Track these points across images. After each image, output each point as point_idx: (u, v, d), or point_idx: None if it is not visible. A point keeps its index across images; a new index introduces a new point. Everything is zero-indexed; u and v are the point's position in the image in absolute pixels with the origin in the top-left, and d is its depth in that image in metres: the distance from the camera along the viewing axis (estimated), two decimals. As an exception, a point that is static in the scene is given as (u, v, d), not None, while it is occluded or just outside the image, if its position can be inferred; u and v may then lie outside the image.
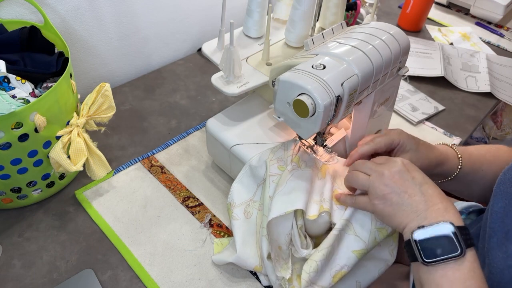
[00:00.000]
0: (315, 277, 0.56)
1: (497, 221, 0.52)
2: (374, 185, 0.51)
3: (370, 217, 0.57)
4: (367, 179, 0.53)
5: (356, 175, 0.55)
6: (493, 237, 0.52)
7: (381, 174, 0.51)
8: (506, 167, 0.55)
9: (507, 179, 0.53)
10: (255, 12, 0.72)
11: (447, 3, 1.47)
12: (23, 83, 0.62)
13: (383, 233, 0.56)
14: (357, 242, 0.57)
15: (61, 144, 0.61)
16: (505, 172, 0.54)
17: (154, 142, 0.83)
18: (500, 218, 0.52)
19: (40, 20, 0.73)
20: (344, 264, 0.56)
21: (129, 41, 0.96)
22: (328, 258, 0.56)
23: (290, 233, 0.57)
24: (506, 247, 0.49)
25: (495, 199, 0.54)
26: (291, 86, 0.54)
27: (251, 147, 0.66)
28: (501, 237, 0.51)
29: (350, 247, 0.57)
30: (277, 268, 0.57)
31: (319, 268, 0.55)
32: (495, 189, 0.55)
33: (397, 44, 0.61)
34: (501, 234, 0.51)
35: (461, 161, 0.62)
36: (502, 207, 0.52)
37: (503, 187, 0.53)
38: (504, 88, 1.10)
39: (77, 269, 0.62)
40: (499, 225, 0.51)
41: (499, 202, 0.53)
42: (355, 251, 0.56)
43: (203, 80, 1.00)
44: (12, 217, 0.67)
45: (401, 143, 0.58)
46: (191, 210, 0.71)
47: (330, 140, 0.70)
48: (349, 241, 0.57)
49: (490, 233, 0.52)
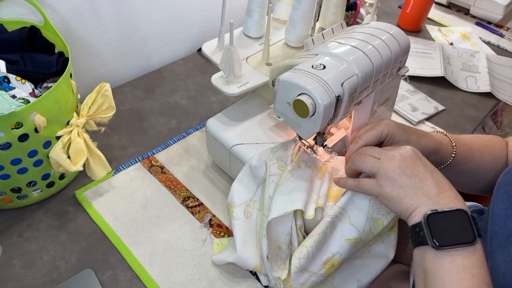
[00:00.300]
0: (306, 263, 0.55)
1: (498, 224, 0.51)
2: (384, 166, 0.50)
3: (367, 206, 0.56)
4: (376, 161, 0.51)
5: (363, 157, 0.52)
6: (495, 239, 0.51)
7: (393, 157, 0.50)
8: (506, 169, 0.54)
9: (508, 181, 0.53)
10: (255, 12, 0.72)
11: (447, 3, 1.48)
12: (23, 83, 0.62)
13: (379, 224, 0.56)
14: (351, 231, 0.56)
15: (61, 144, 0.61)
16: (506, 174, 0.54)
17: (154, 142, 0.83)
18: (502, 220, 0.51)
19: (40, 20, 0.73)
20: (336, 252, 0.56)
21: (129, 41, 0.96)
22: (319, 246, 0.56)
23: (290, 233, 0.57)
24: (509, 250, 0.49)
25: (496, 201, 0.53)
26: (291, 86, 0.54)
27: (251, 147, 0.66)
28: (503, 240, 0.50)
29: (344, 235, 0.56)
30: (273, 268, 0.57)
31: (310, 254, 0.55)
32: (496, 190, 0.54)
33: (397, 44, 0.61)
34: (503, 236, 0.50)
35: (455, 149, 0.60)
36: (504, 210, 0.52)
37: (504, 189, 0.53)
38: (504, 88, 1.10)
39: (77, 269, 0.62)
40: (501, 227, 0.51)
41: (501, 205, 0.52)
42: (348, 239, 0.56)
43: (203, 80, 1.01)
44: (12, 217, 0.67)
45: (390, 133, 0.57)
46: (191, 210, 0.71)
47: (330, 140, 0.70)
48: (343, 229, 0.56)
49: (491, 236, 0.52)
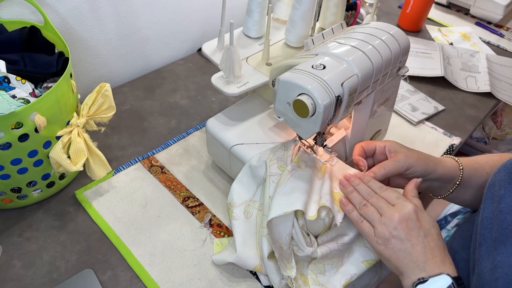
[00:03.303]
0: (323, 278, 0.59)
1: (487, 228, 0.51)
2: (381, 226, 0.52)
3: None
4: (377, 218, 0.53)
5: (365, 210, 0.55)
6: (483, 245, 0.50)
7: (391, 217, 0.52)
8: (495, 169, 0.54)
9: (496, 181, 0.52)
10: (255, 12, 0.72)
11: (447, 3, 1.48)
12: (23, 83, 0.62)
13: None
14: (367, 253, 0.60)
15: (61, 144, 0.61)
16: (495, 174, 0.53)
17: (154, 142, 0.83)
18: (489, 224, 0.51)
19: (40, 20, 0.73)
20: (354, 273, 0.60)
21: (129, 41, 0.96)
22: (337, 265, 0.60)
23: (291, 233, 0.57)
24: (493, 257, 0.48)
25: (485, 203, 0.53)
26: (291, 86, 0.54)
27: (251, 147, 0.66)
28: (490, 245, 0.49)
29: (360, 257, 0.60)
30: (282, 268, 0.58)
31: (326, 270, 0.59)
32: (486, 192, 0.54)
33: (397, 44, 0.61)
34: (490, 241, 0.50)
35: (461, 173, 0.61)
36: (491, 212, 0.51)
37: (492, 190, 0.52)
38: (504, 88, 1.10)
39: (77, 269, 0.62)
40: (489, 231, 0.50)
41: (489, 207, 0.52)
42: (365, 261, 0.60)
43: (203, 80, 1.01)
44: (12, 217, 0.67)
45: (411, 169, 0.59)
46: (191, 210, 0.71)
47: (330, 140, 0.70)
48: (360, 252, 0.60)
49: (480, 241, 0.51)
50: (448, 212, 0.78)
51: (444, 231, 0.74)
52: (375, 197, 0.56)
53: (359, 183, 0.58)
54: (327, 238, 0.60)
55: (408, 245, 0.51)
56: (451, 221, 0.75)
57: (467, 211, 0.75)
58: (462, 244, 0.60)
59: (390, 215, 0.52)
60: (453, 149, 0.89)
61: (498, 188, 0.51)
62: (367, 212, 0.55)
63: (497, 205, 0.50)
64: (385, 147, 0.62)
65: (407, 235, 0.51)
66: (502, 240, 0.48)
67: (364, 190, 0.57)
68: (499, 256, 0.47)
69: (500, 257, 0.47)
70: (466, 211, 0.76)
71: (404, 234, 0.51)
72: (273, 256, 0.60)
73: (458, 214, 0.76)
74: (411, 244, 0.51)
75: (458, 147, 0.91)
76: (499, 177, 0.52)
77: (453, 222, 0.75)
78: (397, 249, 0.51)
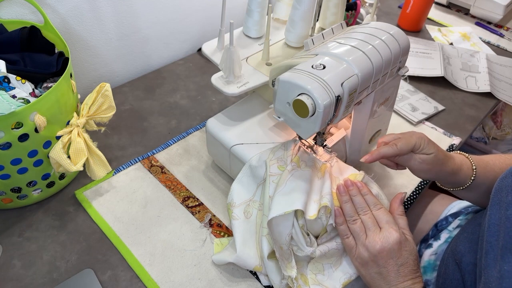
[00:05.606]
0: (323, 278, 0.60)
1: (494, 235, 0.49)
2: (363, 248, 0.56)
3: None
4: (362, 238, 0.56)
5: (354, 226, 0.57)
6: (490, 253, 0.49)
7: (373, 244, 0.55)
8: (502, 174, 0.52)
9: (503, 187, 0.51)
10: (255, 12, 0.72)
11: (447, 3, 1.48)
12: (23, 83, 0.62)
13: None
14: None
15: (61, 144, 0.61)
16: (502, 179, 0.52)
17: (154, 142, 0.83)
18: (496, 231, 0.49)
19: (40, 20, 0.73)
20: (353, 273, 0.61)
21: (129, 41, 0.96)
22: (336, 264, 0.61)
23: (291, 233, 0.57)
24: (500, 266, 0.46)
25: (492, 209, 0.51)
26: (291, 86, 0.54)
27: (251, 147, 0.66)
28: (496, 253, 0.48)
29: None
30: (283, 268, 0.58)
31: (324, 268, 0.60)
32: (492, 197, 0.52)
33: (397, 44, 0.61)
34: (496, 249, 0.48)
35: (475, 172, 0.62)
36: (498, 218, 0.50)
37: (499, 196, 0.51)
38: (504, 88, 1.10)
39: (77, 269, 0.62)
40: (496, 239, 0.49)
41: (496, 213, 0.50)
42: None
43: (203, 80, 1.01)
44: (12, 217, 0.67)
45: (422, 147, 0.60)
46: (191, 210, 0.71)
47: (330, 140, 0.70)
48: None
49: (487, 248, 0.49)
50: (449, 213, 0.78)
51: (446, 232, 0.74)
52: (367, 214, 0.57)
53: (356, 194, 0.59)
54: (326, 239, 0.60)
55: (384, 270, 0.54)
56: (453, 222, 0.75)
57: (468, 212, 0.75)
58: (469, 248, 0.59)
59: (373, 241, 0.55)
60: (453, 149, 0.89)
61: (506, 194, 0.50)
62: (355, 229, 0.57)
63: (504, 211, 0.49)
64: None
65: (385, 263, 0.54)
66: (509, 248, 0.46)
67: (359, 204, 0.58)
68: (505, 265, 0.46)
69: (507, 266, 0.46)
70: (468, 212, 0.75)
71: (382, 262, 0.54)
72: (273, 256, 0.60)
73: (459, 214, 0.76)
74: (386, 270, 0.54)
75: (458, 147, 0.91)
76: (507, 182, 0.51)
77: (455, 223, 0.75)
78: (372, 271, 0.55)
